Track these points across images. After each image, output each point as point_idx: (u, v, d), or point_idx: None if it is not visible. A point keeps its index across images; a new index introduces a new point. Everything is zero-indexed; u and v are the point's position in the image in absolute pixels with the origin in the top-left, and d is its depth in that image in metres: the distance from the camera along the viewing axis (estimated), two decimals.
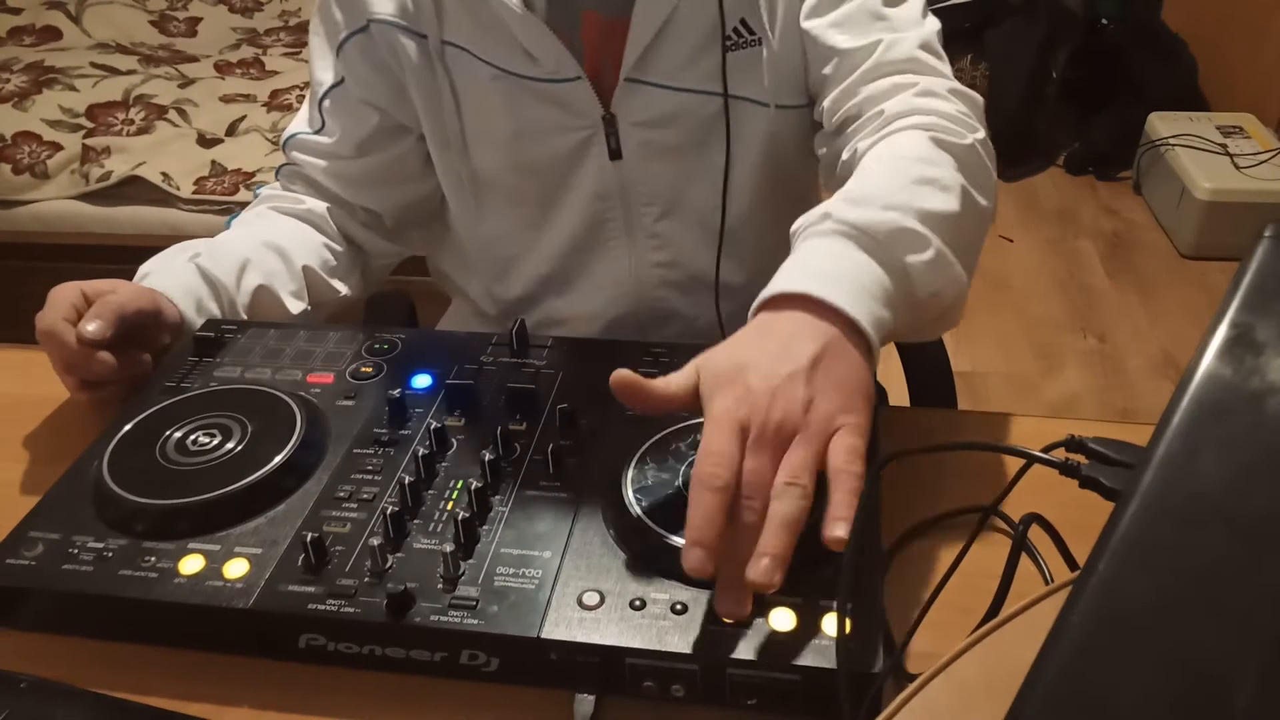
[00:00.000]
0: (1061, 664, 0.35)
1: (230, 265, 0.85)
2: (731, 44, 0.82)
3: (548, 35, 0.81)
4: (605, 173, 0.87)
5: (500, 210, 0.91)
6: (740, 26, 0.82)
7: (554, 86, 0.83)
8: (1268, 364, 0.40)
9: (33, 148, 2.03)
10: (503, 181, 0.89)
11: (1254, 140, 2.58)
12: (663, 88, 0.83)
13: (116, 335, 0.74)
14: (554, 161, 0.87)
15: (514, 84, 0.83)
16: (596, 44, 0.83)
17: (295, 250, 0.89)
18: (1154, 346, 2.25)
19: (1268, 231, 0.44)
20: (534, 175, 0.88)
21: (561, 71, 0.82)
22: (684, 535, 0.52)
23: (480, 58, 0.83)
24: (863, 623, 0.54)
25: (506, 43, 0.82)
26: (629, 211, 0.89)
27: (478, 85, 0.84)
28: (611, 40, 0.82)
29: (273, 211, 0.93)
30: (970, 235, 0.69)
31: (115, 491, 0.64)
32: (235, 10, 2.66)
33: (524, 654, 0.56)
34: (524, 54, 0.82)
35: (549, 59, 0.82)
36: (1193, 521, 0.37)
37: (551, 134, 0.86)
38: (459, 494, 0.64)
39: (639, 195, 0.88)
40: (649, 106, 0.84)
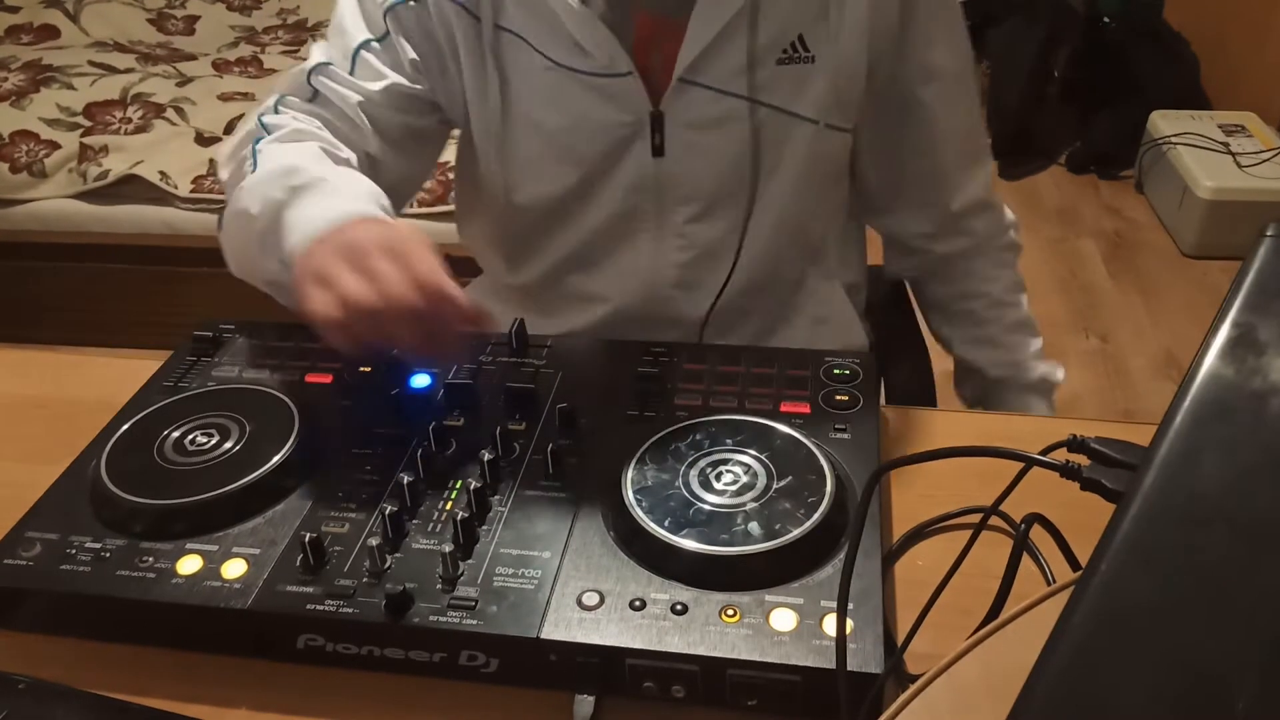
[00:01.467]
0: (1063, 665, 0.35)
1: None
2: (786, 57, 0.83)
3: (601, 29, 0.81)
4: (644, 168, 0.87)
5: (533, 194, 0.91)
6: (797, 42, 0.83)
7: (604, 81, 0.83)
8: (1270, 364, 0.39)
9: (30, 146, 2.03)
10: (540, 169, 0.89)
11: (1256, 139, 2.58)
12: (715, 90, 0.84)
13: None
14: (596, 154, 0.87)
15: (564, 76, 0.84)
16: (648, 41, 0.83)
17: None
18: (1156, 346, 2.24)
19: (1270, 231, 0.43)
20: (574, 165, 0.88)
21: (613, 66, 0.82)
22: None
23: (534, 47, 0.84)
24: (863, 624, 0.54)
25: (559, 35, 0.82)
26: (662, 208, 0.89)
27: (529, 74, 0.85)
28: (665, 38, 0.83)
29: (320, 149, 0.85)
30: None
31: (113, 491, 0.64)
32: (233, 9, 2.66)
33: (523, 655, 0.55)
34: (576, 47, 0.82)
35: (601, 53, 0.82)
36: (1194, 522, 0.37)
37: (597, 127, 0.86)
38: (458, 494, 0.64)
39: (675, 195, 0.88)
40: (699, 108, 0.84)
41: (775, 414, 0.68)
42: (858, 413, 0.69)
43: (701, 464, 0.64)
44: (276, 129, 0.83)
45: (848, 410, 0.69)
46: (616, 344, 0.79)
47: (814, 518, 0.59)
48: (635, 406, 0.70)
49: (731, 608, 0.55)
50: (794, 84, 0.84)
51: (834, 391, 0.70)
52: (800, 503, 0.60)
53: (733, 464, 0.64)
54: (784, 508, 0.60)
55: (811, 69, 0.84)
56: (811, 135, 0.86)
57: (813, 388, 0.71)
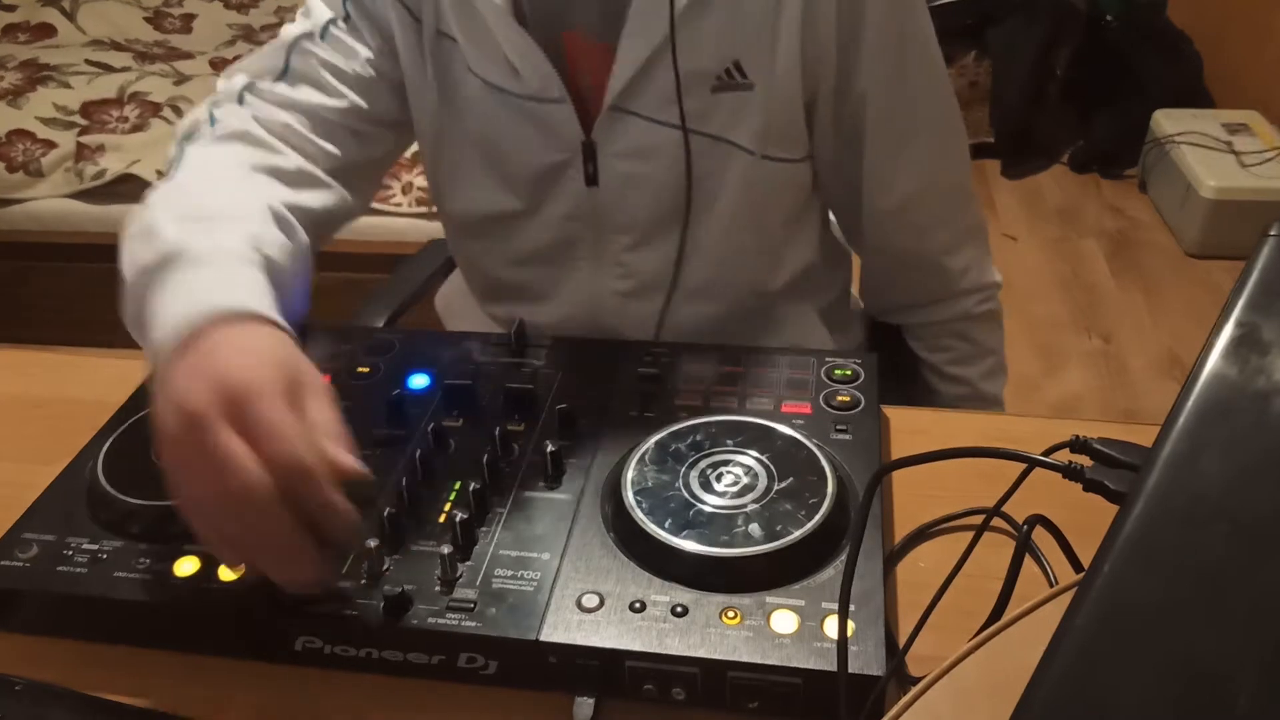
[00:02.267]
0: (1065, 666, 0.34)
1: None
2: (720, 84, 0.79)
3: (534, 50, 0.78)
4: (579, 197, 0.85)
5: (466, 207, 0.90)
6: (733, 68, 0.79)
7: (536, 106, 0.81)
8: (1273, 364, 0.39)
9: (27, 145, 2.03)
10: (472, 181, 0.88)
11: (1259, 138, 2.57)
12: (647, 119, 0.80)
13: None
14: (527, 177, 0.85)
15: (496, 95, 0.82)
16: (579, 66, 0.80)
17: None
18: (1158, 346, 2.24)
19: (1273, 230, 0.43)
20: (506, 185, 0.87)
21: (545, 91, 0.80)
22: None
23: (469, 64, 0.82)
24: (864, 626, 0.54)
25: (492, 53, 0.80)
26: (599, 237, 0.87)
27: (463, 86, 0.83)
28: (595, 64, 0.79)
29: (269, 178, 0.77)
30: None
31: (110, 493, 0.63)
32: (230, 7, 2.66)
33: (523, 657, 0.55)
34: (509, 67, 0.80)
35: (534, 77, 0.79)
36: (1197, 522, 0.36)
37: (528, 152, 0.84)
38: (457, 495, 0.63)
39: (611, 224, 0.86)
40: (632, 137, 0.81)
41: (776, 415, 0.68)
42: (859, 413, 0.68)
43: (702, 465, 0.63)
44: (220, 124, 0.78)
45: (849, 411, 0.69)
46: (616, 344, 0.79)
47: (815, 519, 0.59)
48: (635, 406, 0.70)
49: (732, 610, 0.55)
50: (730, 112, 0.80)
51: (835, 392, 0.70)
52: (801, 504, 0.60)
53: (733, 465, 0.63)
54: (785, 509, 0.60)
55: (750, 96, 0.79)
56: (748, 165, 0.82)
57: (813, 388, 0.71)
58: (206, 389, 0.53)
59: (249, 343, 0.57)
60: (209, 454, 0.52)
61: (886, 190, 0.87)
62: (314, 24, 0.83)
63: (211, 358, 0.55)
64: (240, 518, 0.52)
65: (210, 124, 0.78)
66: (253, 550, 0.54)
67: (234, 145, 0.77)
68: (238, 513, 0.52)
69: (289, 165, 0.78)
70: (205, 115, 0.79)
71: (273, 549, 0.54)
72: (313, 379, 0.57)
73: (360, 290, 1.14)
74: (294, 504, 0.52)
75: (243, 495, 0.51)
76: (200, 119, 0.79)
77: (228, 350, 0.55)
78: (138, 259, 0.63)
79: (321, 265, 0.79)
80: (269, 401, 0.53)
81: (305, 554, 0.54)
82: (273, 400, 0.53)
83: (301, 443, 0.52)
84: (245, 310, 0.58)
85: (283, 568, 0.54)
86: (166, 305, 0.59)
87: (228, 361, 0.54)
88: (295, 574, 0.55)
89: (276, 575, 0.55)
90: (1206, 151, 2.53)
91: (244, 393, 0.52)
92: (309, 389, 0.56)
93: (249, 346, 0.56)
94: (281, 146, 0.78)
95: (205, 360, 0.55)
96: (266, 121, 0.79)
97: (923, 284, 0.95)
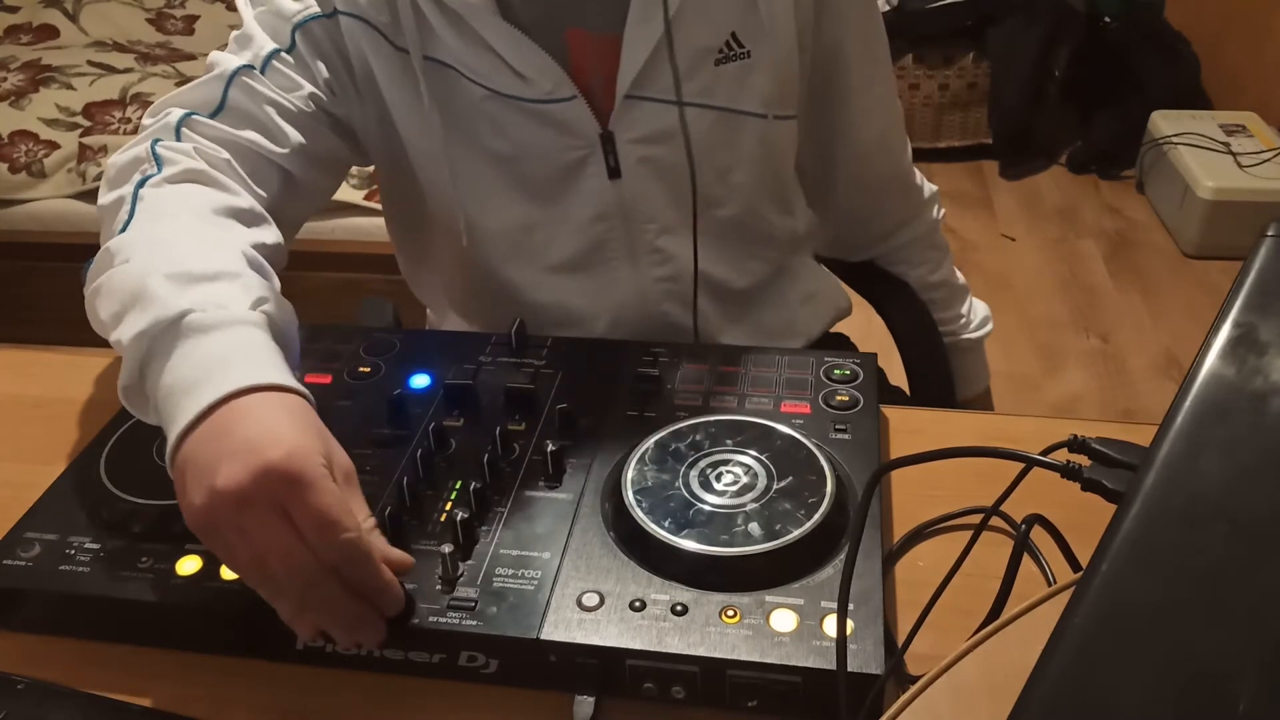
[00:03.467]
0: (1064, 665, 0.34)
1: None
2: (722, 56, 0.82)
3: (539, 54, 0.78)
4: (605, 193, 0.85)
5: (495, 226, 0.88)
6: (731, 40, 0.82)
7: (549, 107, 0.81)
8: (1271, 364, 0.39)
9: (29, 146, 2.03)
10: (497, 197, 0.86)
11: (1257, 139, 2.57)
12: (661, 102, 0.82)
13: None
14: (548, 183, 0.85)
15: (505, 104, 0.81)
16: (585, 61, 0.81)
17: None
18: (1156, 346, 2.24)
19: (1270, 231, 0.43)
20: (529, 193, 0.86)
21: (557, 92, 0.80)
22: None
23: (469, 77, 0.81)
24: (863, 624, 0.54)
25: (493, 63, 0.79)
26: (630, 230, 0.87)
27: (468, 103, 0.82)
28: (602, 57, 0.80)
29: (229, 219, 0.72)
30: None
31: (112, 492, 0.64)
32: (232, 8, 2.65)
33: (523, 656, 0.55)
34: (513, 74, 0.79)
35: (544, 79, 0.79)
36: (1195, 522, 0.37)
37: (545, 155, 0.84)
38: (458, 494, 0.63)
39: (640, 213, 0.86)
40: (648, 122, 0.82)
41: (775, 414, 0.68)
42: (858, 413, 0.69)
43: (701, 464, 0.64)
44: (168, 164, 0.72)
45: (848, 410, 0.69)
46: (616, 344, 0.79)
47: (814, 518, 0.59)
48: (635, 406, 0.70)
49: (732, 608, 0.55)
50: (735, 81, 0.83)
51: (834, 392, 0.70)
52: (800, 503, 0.60)
53: (733, 464, 0.63)
54: (784, 508, 0.60)
55: (750, 64, 0.83)
56: (763, 129, 0.86)
57: (813, 388, 0.71)
58: (246, 472, 0.51)
59: (277, 419, 0.54)
60: (252, 540, 0.51)
61: (868, 123, 0.95)
62: (254, 55, 0.78)
63: (246, 436, 0.52)
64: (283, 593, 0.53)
65: (155, 162, 0.72)
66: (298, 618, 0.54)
67: (191, 187, 0.72)
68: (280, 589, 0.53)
69: (244, 205, 0.73)
70: (147, 153, 0.73)
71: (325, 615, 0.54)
72: (341, 456, 0.56)
73: (360, 290, 1.14)
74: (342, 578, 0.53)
75: (288, 576, 0.52)
76: (142, 157, 0.73)
77: (259, 429, 0.53)
78: (132, 324, 0.59)
79: (321, 265, 0.78)
80: (321, 488, 0.51)
81: (362, 620, 0.54)
82: (324, 486, 0.51)
83: (356, 530, 0.52)
84: (269, 383, 0.56)
85: (341, 632, 0.55)
86: (176, 377, 0.56)
87: (269, 440, 0.52)
88: (356, 637, 0.55)
89: (337, 637, 0.55)
90: (1204, 152, 2.53)
91: (296, 479, 0.51)
92: (340, 468, 0.55)
93: (285, 422, 0.54)
94: (233, 185, 0.74)
95: (238, 439, 0.52)
96: (210, 158, 0.75)
97: (899, 205, 1.04)
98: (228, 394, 0.54)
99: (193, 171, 0.73)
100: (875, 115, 0.95)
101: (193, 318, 0.57)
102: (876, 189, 1.01)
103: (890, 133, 0.98)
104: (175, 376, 0.56)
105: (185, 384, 0.56)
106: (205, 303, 0.59)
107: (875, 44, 0.93)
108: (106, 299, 0.62)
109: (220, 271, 0.62)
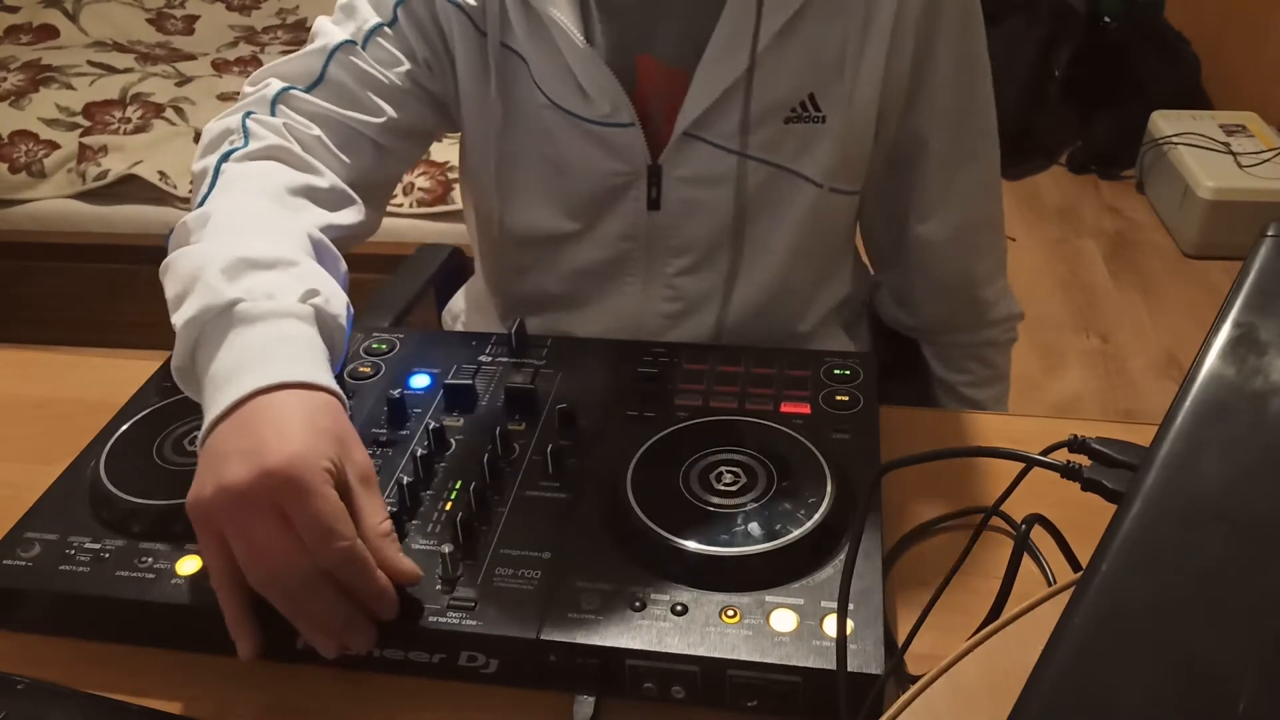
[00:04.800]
0: (1063, 665, 0.34)
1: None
2: (795, 116, 0.79)
3: (605, 73, 0.77)
4: (639, 218, 0.84)
5: (525, 225, 0.88)
6: (807, 101, 0.79)
7: (604, 130, 0.80)
8: (1270, 364, 0.39)
9: (29, 146, 2.03)
10: (534, 200, 0.86)
11: (1257, 139, 2.57)
12: (718, 148, 0.80)
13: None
14: (589, 198, 0.84)
15: (562, 118, 0.80)
16: (650, 91, 0.79)
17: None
18: (1157, 346, 2.24)
19: (1270, 230, 0.43)
20: (566, 205, 0.86)
21: (615, 115, 0.79)
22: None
23: (535, 81, 0.80)
24: (863, 624, 0.54)
25: (560, 73, 0.79)
26: (652, 259, 0.86)
27: (528, 103, 0.82)
28: (668, 89, 0.79)
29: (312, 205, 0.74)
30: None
31: (112, 492, 0.64)
32: (233, 8, 2.66)
33: (523, 655, 0.55)
34: (577, 89, 0.79)
35: (604, 101, 0.78)
36: (1195, 522, 0.37)
37: (590, 175, 0.83)
38: (458, 494, 0.63)
39: (667, 247, 0.85)
40: (700, 163, 0.81)
41: (775, 415, 0.68)
42: (858, 413, 0.69)
43: (701, 464, 0.64)
44: (255, 139, 0.74)
45: (848, 411, 0.69)
46: (616, 344, 0.79)
47: (814, 518, 0.59)
48: (635, 406, 0.70)
49: (731, 608, 0.55)
50: (800, 143, 0.81)
51: (834, 392, 0.70)
52: (800, 503, 0.60)
53: (733, 464, 0.63)
54: (784, 508, 0.60)
55: (821, 129, 0.80)
56: (815, 198, 0.83)
57: (813, 388, 0.71)
58: (248, 472, 0.52)
59: (293, 419, 0.55)
60: (251, 536, 0.52)
61: (938, 219, 0.89)
62: (357, 28, 0.80)
63: (258, 436, 0.53)
64: (277, 590, 0.54)
65: (244, 135, 0.74)
66: (292, 616, 0.55)
67: (271, 165, 0.73)
68: (274, 587, 0.54)
69: (324, 185, 0.75)
70: (238, 125, 0.75)
71: (316, 613, 0.54)
72: (360, 457, 0.57)
73: (360, 290, 1.14)
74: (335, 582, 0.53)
75: (281, 575, 0.53)
76: (232, 129, 0.75)
77: (272, 431, 0.53)
78: (186, 308, 0.60)
79: None
80: (318, 494, 0.52)
81: (350, 626, 0.55)
82: (322, 493, 0.52)
83: (351, 539, 0.53)
84: (297, 381, 0.57)
85: (330, 635, 0.55)
86: (219, 366, 0.58)
87: (276, 443, 0.53)
88: (345, 640, 0.55)
89: (318, 644, 0.56)
90: (1204, 152, 2.53)
91: (293, 484, 0.51)
92: (356, 470, 0.56)
93: (297, 425, 0.54)
94: (318, 164, 0.76)
95: (251, 438, 0.53)
96: (300, 135, 0.76)
97: (957, 310, 0.97)
98: (257, 389, 0.55)
99: (277, 148, 0.74)
100: (954, 210, 0.89)
101: (242, 307, 0.59)
102: (940, 284, 0.95)
103: (969, 232, 0.92)
104: (219, 365, 0.58)
105: (224, 374, 0.57)
106: (255, 292, 0.60)
107: (970, 139, 0.87)
108: (171, 280, 0.64)
109: (279, 259, 0.63)
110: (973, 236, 0.92)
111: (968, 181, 0.89)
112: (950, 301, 0.96)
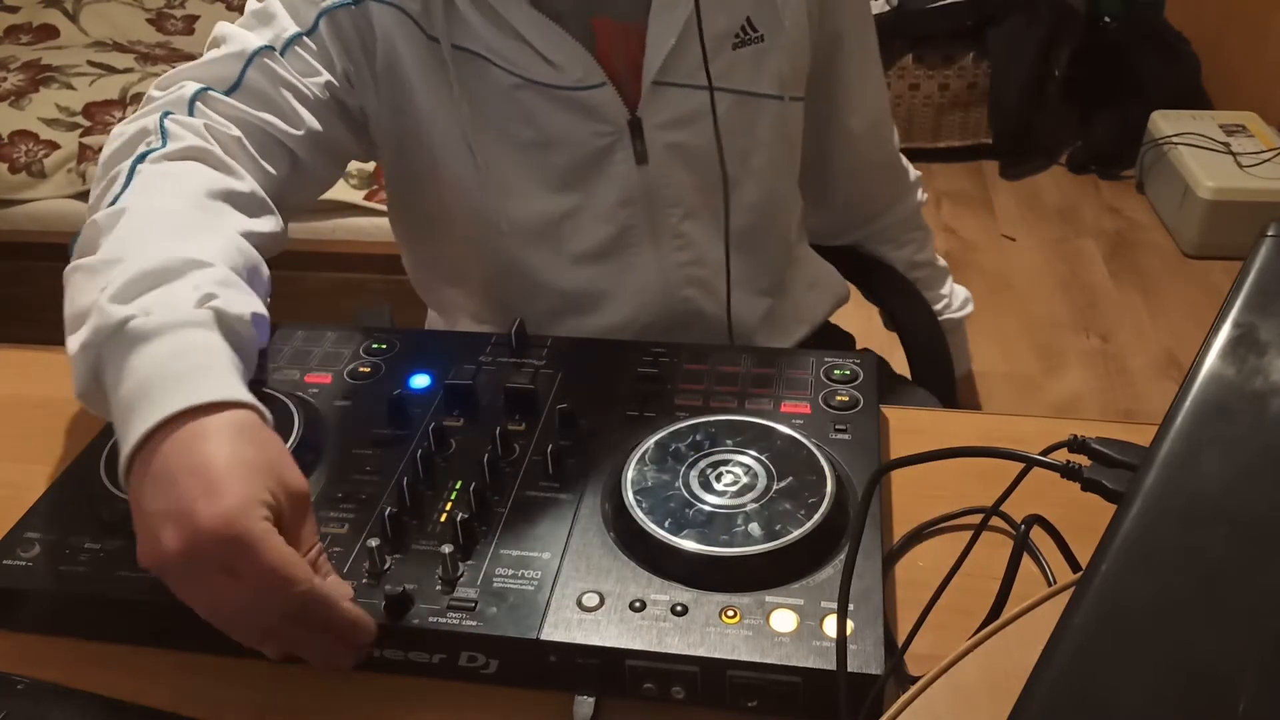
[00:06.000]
0: (1064, 665, 0.34)
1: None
2: (739, 40, 0.85)
3: (568, 42, 0.80)
4: (631, 178, 0.86)
5: (521, 216, 0.88)
6: (746, 24, 0.85)
7: (579, 94, 0.82)
8: (1270, 364, 0.39)
9: (29, 146, 2.03)
10: (523, 188, 0.87)
11: (1257, 139, 2.57)
12: (686, 87, 0.84)
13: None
14: (576, 171, 0.86)
15: (536, 92, 0.82)
16: (611, 50, 0.83)
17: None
18: (1157, 346, 2.24)
19: (1270, 230, 0.43)
20: (556, 189, 0.86)
21: (586, 79, 0.82)
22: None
23: (500, 65, 0.81)
24: (863, 625, 0.54)
25: (523, 51, 0.81)
26: (654, 215, 0.88)
27: (496, 92, 0.83)
28: (626, 45, 0.82)
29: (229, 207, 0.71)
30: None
31: (112, 492, 0.63)
32: (233, 9, 2.65)
33: (523, 656, 0.55)
34: (544, 62, 0.81)
35: (574, 66, 0.81)
36: (1195, 522, 0.37)
37: (574, 143, 0.85)
38: (458, 495, 0.63)
39: (664, 198, 0.88)
40: (675, 106, 0.85)
41: (775, 414, 0.68)
42: (858, 413, 0.69)
43: (701, 465, 0.64)
44: (174, 139, 0.71)
45: (848, 410, 0.69)
46: (616, 344, 0.79)
47: (814, 518, 0.59)
48: (635, 406, 0.70)
49: (732, 609, 0.55)
50: (751, 66, 0.86)
51: (834, 392, 0.70)
52: (800, 503, 0.60)
53: (733, 464, 0.63)
54: (784, 508, 0.60)
55: (764, 48, 0.86)
56: (779, 111, 0.89)
57: (813, 388, 0.71)
58: (184, 541, 0.49)
59: (221, 460, 0.51)
60: (206, 597, 0.52)
61: (863, 110, 1.00)
62: (275, 35, 0.78)
63: (181, 492, 0.50)
64: (248, 638, 0.54)
65: (161, 136, 0.71)
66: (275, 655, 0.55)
67: (191, 165, 0.71)
68: (244, 636, 0.54)
69: (244, 189, 0.72)
70: (155, 125, 0.72)
71: (296, 651, 0.55)
72: (292, 477, 0.54)
73: (360, 290, 1.14)
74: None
75: (245, 626, 0.53)
76: (149, 129, 0.72)
77: (197, 483, 0.50)
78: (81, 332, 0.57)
79: (321, 266, 0.78)
80: (264, 547, 0.49)
81: (331, 652, 0.55)
82: (267, 544, 0.50)
83: (307, 581, 0.51)
84: (205, 402, 0.53)
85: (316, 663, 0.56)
86: (124, 390, 0.55)
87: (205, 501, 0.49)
88: (329, 666, 0.56)
89: (315, 667, 0.56)
90: (1204, 152, 2.53)
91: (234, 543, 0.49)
92: (289, 496, 0.53)
93: (221, 469, 0.51)
94: (238, 168, 0.73)
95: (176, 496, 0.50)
96: (220, 137, 0.74)
97: (887, 189, 1.10)
98: (164, 419, 0.52)
99: (197, 149, 0.71)
100: (869, 102, 1.00)
101: (135, 324, 0.56)
102: (867, 174, 1.06)
103: (881, 119, 1.04)
104: (123, 391, 0.55)
105: (129, 400, 0.54)
106: (150, 305, 0.57)
107: (869, 35, 0.98)
108: (69, 297, 0.61)
109: (187, 262, 0.60)
110: (886, 121, 1.06)
111: (874, 76, 1.01)
112: (880, 183, 1.09)
